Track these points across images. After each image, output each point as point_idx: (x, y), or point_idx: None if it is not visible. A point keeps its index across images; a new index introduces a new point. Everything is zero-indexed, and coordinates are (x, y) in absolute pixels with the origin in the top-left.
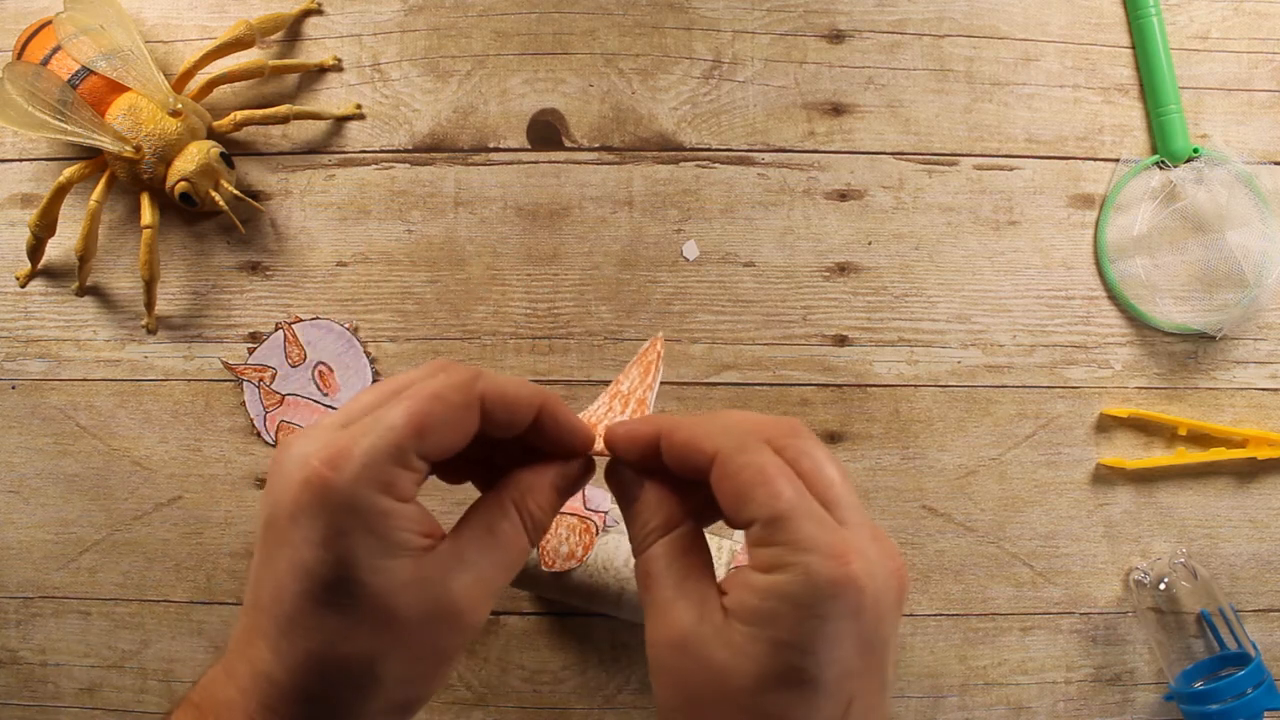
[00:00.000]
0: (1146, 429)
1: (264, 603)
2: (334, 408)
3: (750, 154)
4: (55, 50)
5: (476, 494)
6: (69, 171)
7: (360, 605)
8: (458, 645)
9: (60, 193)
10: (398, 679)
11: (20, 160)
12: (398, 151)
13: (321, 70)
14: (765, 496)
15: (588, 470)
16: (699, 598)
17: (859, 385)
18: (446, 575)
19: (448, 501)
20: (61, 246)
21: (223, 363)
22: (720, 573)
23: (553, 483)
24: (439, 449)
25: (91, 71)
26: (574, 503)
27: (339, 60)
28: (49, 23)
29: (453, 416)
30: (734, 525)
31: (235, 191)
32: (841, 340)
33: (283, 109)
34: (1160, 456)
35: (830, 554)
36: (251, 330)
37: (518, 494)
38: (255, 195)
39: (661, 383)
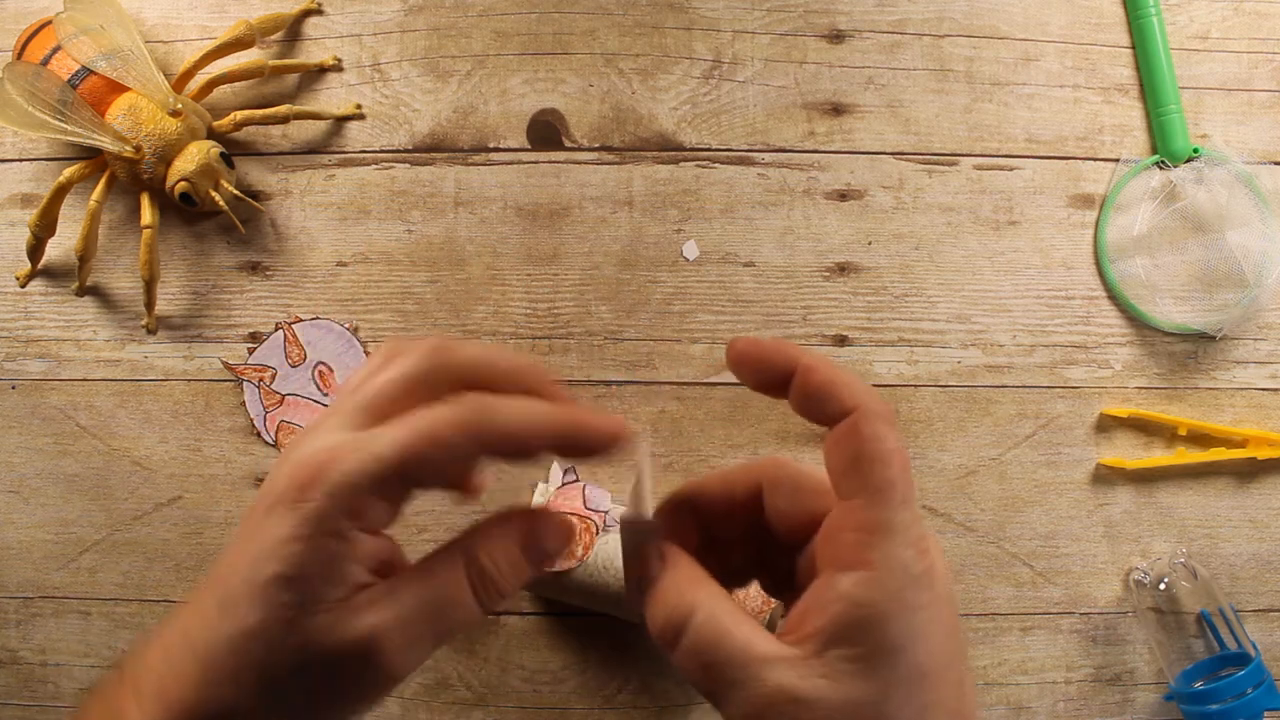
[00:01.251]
0: (1146, 429)
1: (215, 580)
2: None
3: (750, 154)
4: (55, 50)
5: None
6: (69, 171)
7: (286, 613)
8: (365, 685)
9: (60, 193)
10: (300, 701)
11: (20, 160)
12: (398, 151)
13: (321, 70)
14: (884, 471)
15: (559, 533)
16: (775, 652)
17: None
18: (368, 610)
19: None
20: (61, 246)
21: (223, 363)
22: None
23: (514, 539)
24: (424, 485)
25: (91, 71)
26: (574, 502)
27: (339, 60)
28: (49, 23)
29: (447, 459)
30: (838, 494)
31: (235, 191)
32: (841, 340)
33: (283, 109)
34: (1160, 456)
35: (914, 543)
36: (251, 330)
37: (471, 542)
38: (255, 195)
39: (661, 383)
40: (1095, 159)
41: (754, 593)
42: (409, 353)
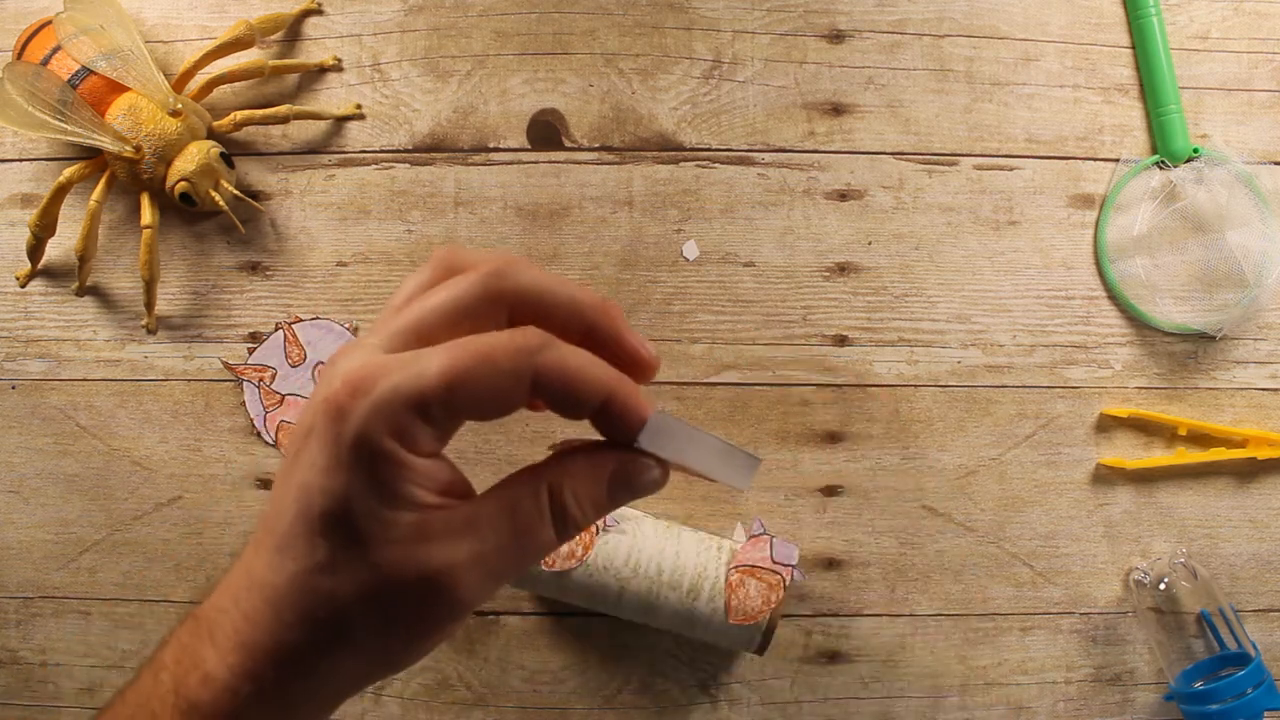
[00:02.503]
0: (1146, 429)
1: (269, 517)
2: None
3: (750, 154)
4: (55, 50)
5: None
6: (69, 171)
7: (348, 546)
8: (440, 619)
9: (60, 193)
10: (373, 633)
11: (20, 160)
12: (398, 151)
13: (321, 70)
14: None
15: (652, 474)
16: None
17: (859, 385)
18: (445, 542)
19: None
20: (61, 246)
21: (223, 363)
22: (722, 572)
23: (604, 475)
24: (471, 413)
25: (91, 71)
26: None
27: (339, 60)
28: (49, 23)
29: (496, 385)
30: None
31: (235, 191)
32: (841, 340)
33: (283, 109)
34: (1160, 456)
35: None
36: (251, 330)
37: (556, 477)
38: (255, 195)
39: (661, 383)
40: (1095, 159)
41: (754, 593)
42: (465, 276)
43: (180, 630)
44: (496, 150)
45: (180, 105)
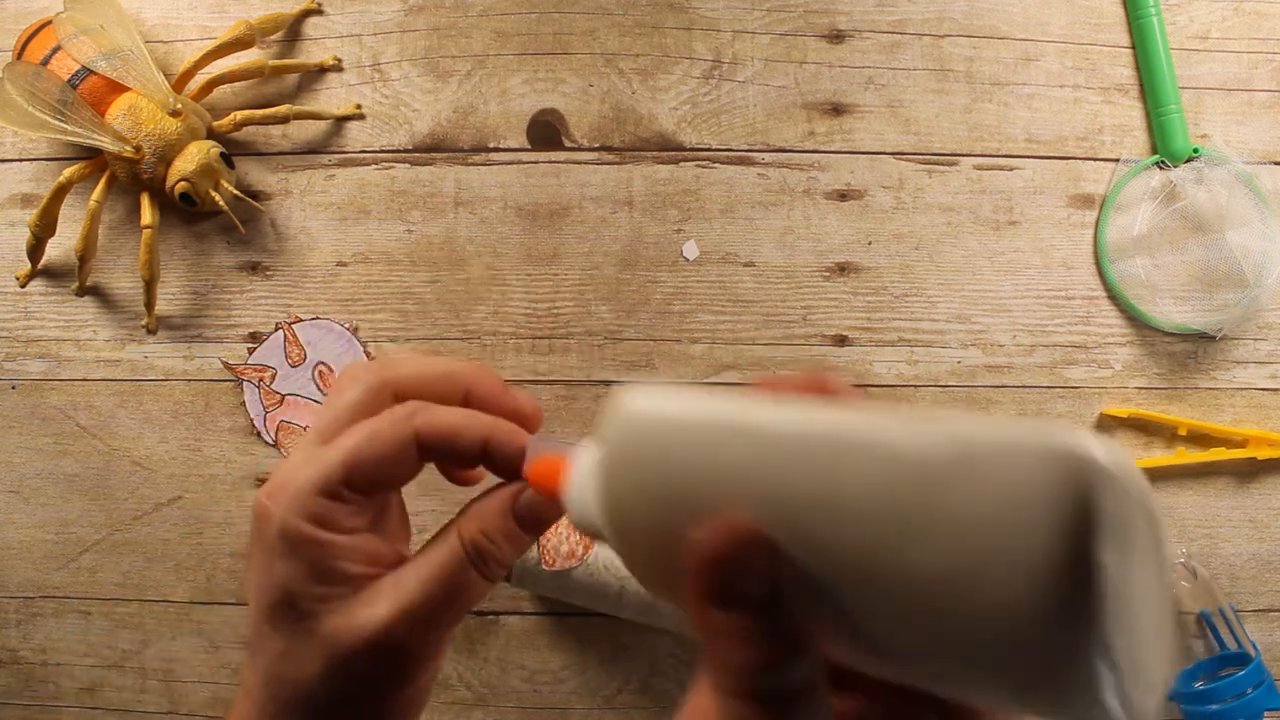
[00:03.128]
0: (1146, 429)
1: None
2: None
3: (750, 154)
4: (55, 50)
5: None
6: (69, 171)
7: (296, 631)
8: (397, 679)
9: (60, 193)
10: (346, 708)
11: (20, 160)
12: (398, 151)
13: (321, 70)
14: None
15: (544, 499)
16: None
17: (859, 385)
18: (379, 604)
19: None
20: (61, 246)
21: (223, 363)
22: None
23: (506, 506)
24: (374, 484)
25: (91, 71)
26: None
27: (339, 60)
28: (49, 23)
29: (386, 454)
30: None
31: (235, 191)
32: (841, 340)
33: (283, 109)
34: (1160, 456)
35: None
36: (251, 330)
37: (466, 521)
38: (255, 195)
39: (663, 383)
40: (1095, 159)
41: None
42: (355, 378)
43: (234, 706)
44: (496, 150)
45: (180, 105)
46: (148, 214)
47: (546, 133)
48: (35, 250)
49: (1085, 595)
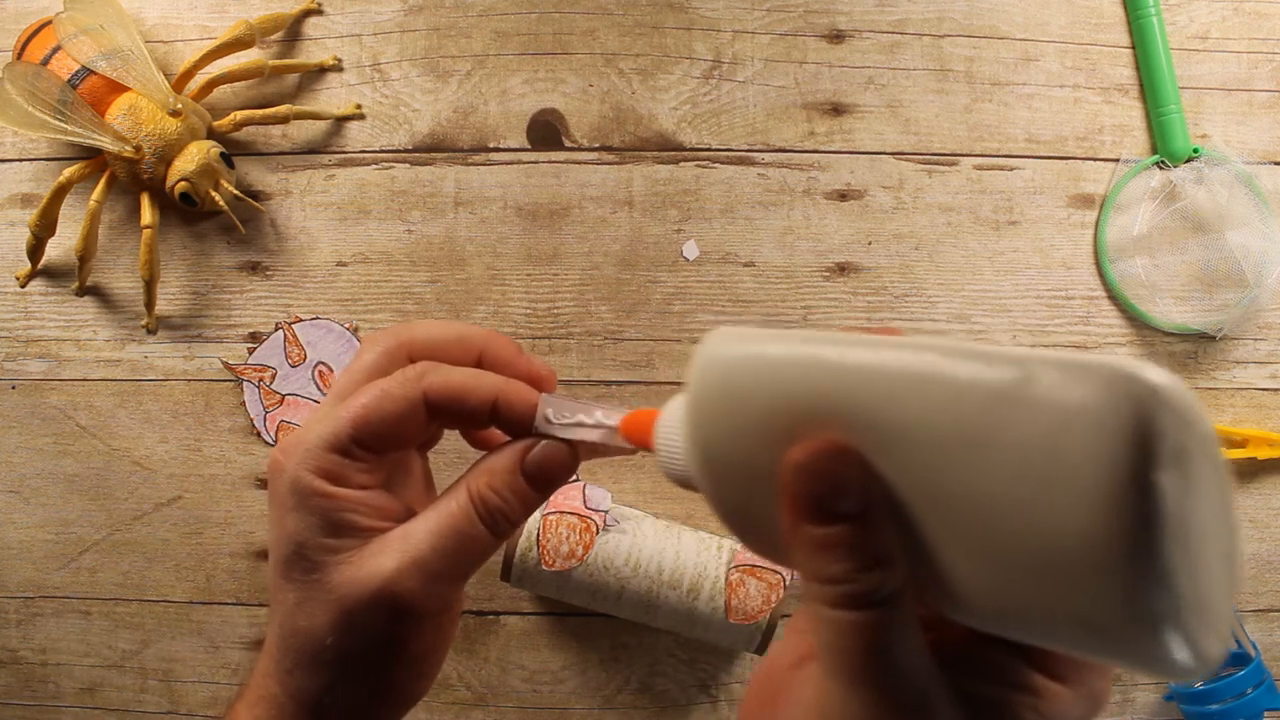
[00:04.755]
0: None
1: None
2: None
3: (750, 154)
4: (55, 50)
5: None
6: (69, 171)
7: (308, 582)
8: (404, 632)
9: (60, 193)
10: (357, 660)
11: (20, 160)
12: (398, 151)
13: (321, 70)
14: None
15: (557, 452)
16: None
17: None
18: (387, 555)
19: None
20: (61, 246)
21: (223, 363)
22: (722, 572)
23: (515, 463)
24: (384, 442)
25: (91, 71)
26: (574, 502)
27: (339, 60)
28: (49, 23)
29: (395, 412)
30: None
31: (235, 191)
32: None
33: (283, 109)
34: None
35: None
36: (251, 330)
37: (476, 476)
38: (255, 195)
39: (661, 383)
40: (1095, 159)
41: (754, 592)
42: (374, 341)
43: (256, 671)
44: (496, 150)
45: (180, 105)
46: (148, 214)
47: (546, 133)
48: (35, 250)
49: (1143, 520)
